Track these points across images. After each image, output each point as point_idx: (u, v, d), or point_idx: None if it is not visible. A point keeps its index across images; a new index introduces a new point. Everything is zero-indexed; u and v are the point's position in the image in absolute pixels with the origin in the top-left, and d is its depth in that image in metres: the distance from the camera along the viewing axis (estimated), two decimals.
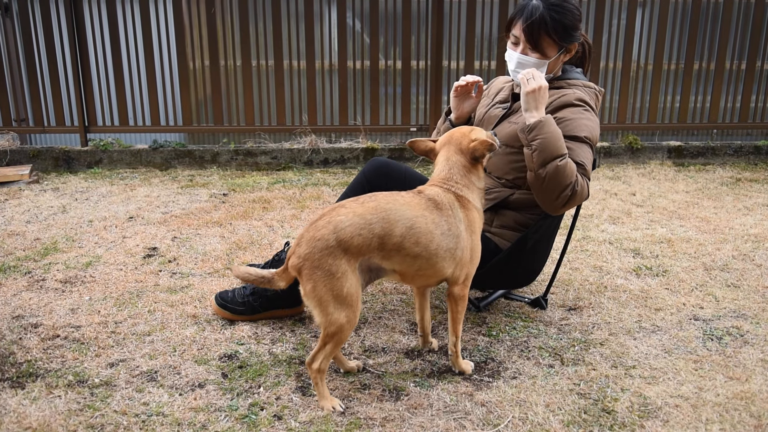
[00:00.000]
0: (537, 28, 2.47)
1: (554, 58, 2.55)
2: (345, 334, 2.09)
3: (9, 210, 4.28)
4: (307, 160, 5.56)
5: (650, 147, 5.73)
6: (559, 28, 2.48)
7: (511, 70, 2.62)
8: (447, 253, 2.17)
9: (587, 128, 2.50)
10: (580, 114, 2.51)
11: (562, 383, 2.29)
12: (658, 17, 5.66)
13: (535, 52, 2.53)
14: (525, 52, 2.54)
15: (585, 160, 2.46)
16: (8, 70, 5.42)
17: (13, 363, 2.41)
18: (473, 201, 2.28)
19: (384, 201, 2.13)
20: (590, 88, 2.64)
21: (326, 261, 2.03)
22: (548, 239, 2.74)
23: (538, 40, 2.50)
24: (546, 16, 2.46)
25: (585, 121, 2.51)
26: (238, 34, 5.48)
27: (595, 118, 2.56)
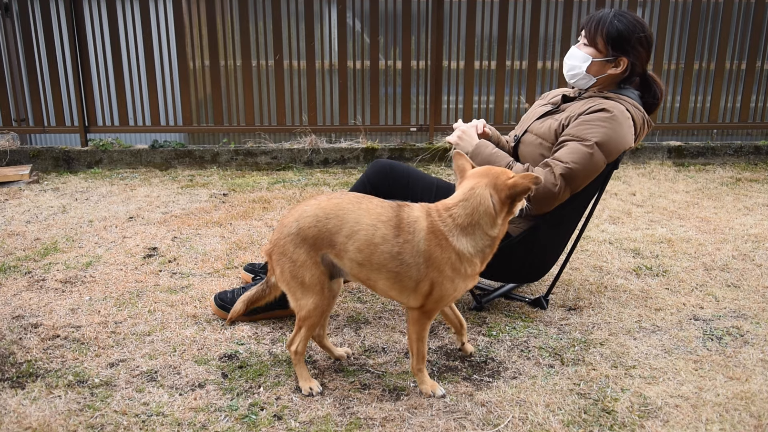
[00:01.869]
0: (595, 25, 2.60)
1: (599, 60, 2.61)
2: (314, 319, 2.17)
3: (9, 210, 4.28)
4: (307, 160, 5.56)
5: (650, 147, 5.73)
6: (614, 32, 2.56)
7: (564, 62, 2.74)
8: (390, 274, 2.09)
9: (600, 135, 2.51)
10: (602, 122, 2.53)
11: (562, 383, 2.29)
12: (658, 17, 5.66)
13: (587, 48, 2.63)
14: (579, 47, 2.66)
15: (565, 159, 2.50)
16: (8, 70, 5.42)
17: (13, 363, 2.41)
18: (456, 242, 2.07)
19: (348, 201, 2.14)
20: (639, 110, 2.65)
21: (289, 248, 2.13)
22: (563, 234, 2.75)
23: (594, 37, 2.60)
24: (608, 17, 2.58)
25: (603, 129, 2.52)
26: (238, 34, 5.48)
27: (624, 132, 2.54)
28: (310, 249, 2.11)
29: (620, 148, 2.56)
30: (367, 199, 2.16)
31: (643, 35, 2.59)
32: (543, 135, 2.67)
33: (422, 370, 2.24)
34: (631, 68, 2.63)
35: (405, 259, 2.07)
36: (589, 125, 2.53)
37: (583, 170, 2.50)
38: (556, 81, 5.72)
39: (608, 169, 2.63)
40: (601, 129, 2.51)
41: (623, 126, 2.54)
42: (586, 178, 2.55)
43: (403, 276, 2.09)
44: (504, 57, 5.64)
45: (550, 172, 2.51)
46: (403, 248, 2.07)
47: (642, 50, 2.61)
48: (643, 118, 2.66)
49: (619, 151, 2.57)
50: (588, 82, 2.68)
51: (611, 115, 2.53)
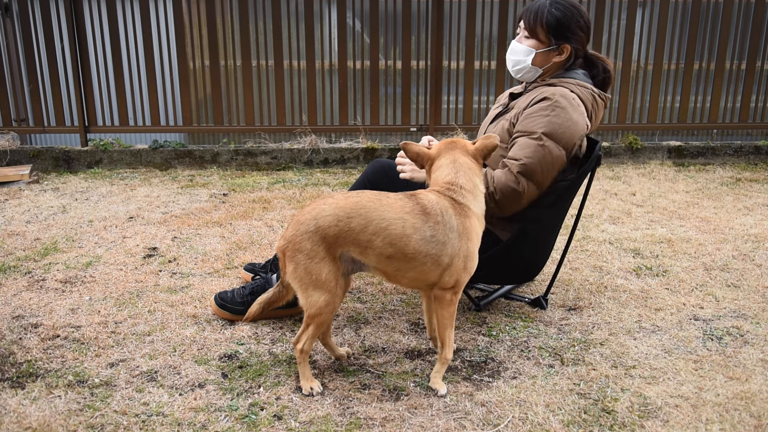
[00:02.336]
0: (533, 16, 2.58)
1: (542, 51, 2.60)
2: (324, 316, 2.18)
3: (9, 210, 4.28)
4: (307, 160, 5.56)
5: (650, 147, 5.73)
6: (553, 21, 2.55)
7: (506, 58, 2.73)
8: (428, 258, 2.16)
9: (546, 124, 2.48)
10: (543, 111, 2.50)
11: (562, 383, 2.29)
12: (658, 17, 5.66)
13: (528, 40, 2.61)
14: (520, 40, 2.64)
15: (518, 156, 2.49)
16: (8, 70, 5.42)
17: (13, 363, 2.41)
18: (474, 208, 2.23)
19: (367, 199, 2.17)
20: (585, 88, 2.62)
21: (306, 245, 2.14)
22: (550, 232, 2.75)
23: (534, 28, 2.58)
24: (545, 7, 2.56)
25: (547, 118, 2.49)
26: (238, 34, 5.48)
27: (571, 116, 2.50)
28: (329, 247, 2.14)
29: (573, 132, 2.51)
30: (384, 195, 2.21)
31: (582, 19, 2.59)
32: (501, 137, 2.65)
33: (447, 363, 2.31)
34: (574, 53, 2.63)
35: (439, 239, 2.16)
36: (532, 117, 2.52)
37: (538, 163, 2.48)
38: None
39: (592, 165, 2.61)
40: (544, 118, 2.49)
41: (568, 110, 2.50)
42: (546, 170, 2.50)
43: (440, 255, 2.16)
44: (504, 57, 5.63)
45: (509, 171, 2.50)
46: (435, 230, 2.15)
47: (582, 34, 2.61)
48: (593, 94, 2.62)
49: (574, 135, 2.52)
50: (535, 74, 2.67)
51: (552, 101, 2.50)
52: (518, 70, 2.67)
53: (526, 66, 2.64)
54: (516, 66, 2.66)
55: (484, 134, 2.73)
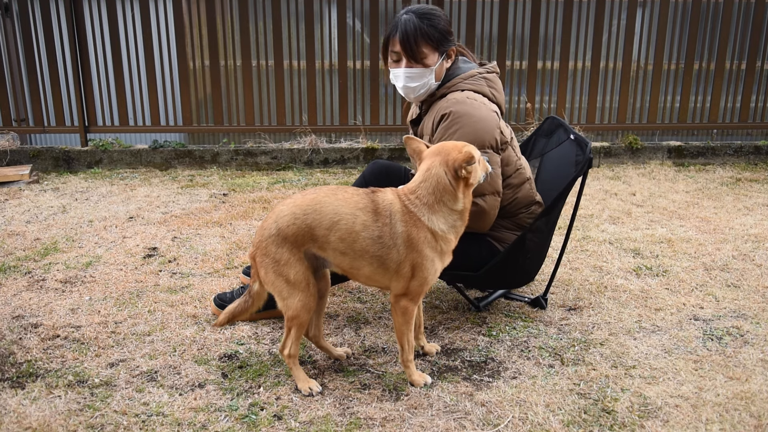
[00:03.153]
0: (414, 39, 2.49)
1: (438, 65, 2.56)
2: (303, 317, 2.19)
3: (9, 210, 4.28)
4: (307, 160, 5.56)
5: (650, 147, 5.73)
6: (435, 33, 2.51)
7: (401, 87, 2.60)
8: (374, 259, 2.15)
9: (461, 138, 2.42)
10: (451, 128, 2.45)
11: (562, 383, 2.29)
12: (658, 17, 5.66)
13: (418, 63, 2.53)
14: (409, 65, 2.54)
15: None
16: (8, 70, 5.42)
17: (13, 363, 2.41)
18: (428, 221, 2.14)
19: (323, 194, 2.19)
20: (472, 76, 2.57)
21: (271, 249, 2.17)
22: (545, 239, 2.74)
23: (416, 50, 2.50)
24: (420, 24, 2.49)
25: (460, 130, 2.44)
26: (238, 34, 5.48)
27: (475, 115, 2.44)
28: (292, 247, 2.16)
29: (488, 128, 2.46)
30: (342, 189, 2.22)
31: (446, 18, 2.56)
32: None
33: (412, 362, 2.28)
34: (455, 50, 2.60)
35: (385, 241, 2.14)
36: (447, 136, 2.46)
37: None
38: (556, 81, 5.72)
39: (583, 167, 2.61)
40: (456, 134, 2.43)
41: (470, 113, 2.45)
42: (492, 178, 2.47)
43: (385, 259, 2.16)
44: (504, 57, 5.64)
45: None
46: (382, 231, 2.14)
47: (452, 30, 2.59)
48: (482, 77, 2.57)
49: (490, 130, 2.46)
50: (434, 88, 2.61)
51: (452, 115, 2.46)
52: (422, 93, 2.60)
53: (430, 85, 2.57)
54: (421, 89, 2.58)
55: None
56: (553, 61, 5.70)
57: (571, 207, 2.96)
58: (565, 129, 2.89)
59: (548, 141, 3.02)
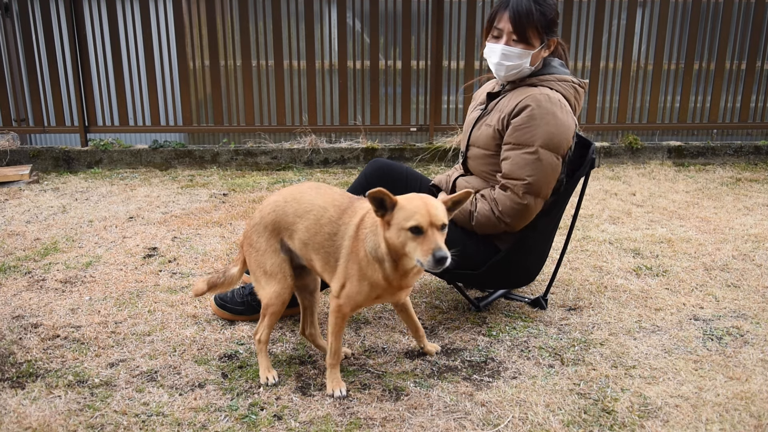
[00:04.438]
0: (525, 20, 2.50)
1: (537, 50, 2.55)
2: (276, 306, 2.26)
3: (9, 210, 4.28)
4: (307, 160, 5.56)
5: (650, 147, 5.73)
6: (543, 19, 2.51)
7: (494, 63, 2.59)
8: (325, 253, 2.18)
9: (542, 135, 2.44)
10: (534, 121, 2.45)
11: (562, 383, 2.29)
12: (658, 17, 5.66)
13: (520, 44, 2.53)
14: (509, 44, 2.54)
15: (521, 176, 2.45)
16: (8, 70, 5.42)
17: (13, 363, 2.41)
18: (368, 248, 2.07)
19: (308, 186, 2.28)
20: (566, 81, 2.58)
21: (254, 237, 2.27)
22: (546, 238, 2.74)
23: (525, 31, 2.51)
24: (532, 7, 2.49)
25: (543, 127, 2.44)
26: (238, 34, 5.48)
27: (560, 119, 2.47)
28: (270, 236, 2.25)
29: (565, 136, 2.48)
30: (330, 188, 2.28)
31: (556, 8, 2.57)
32: (484, 146, 2.61)
33: (335, 366, 2.24)
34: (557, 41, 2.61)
35: (336, 240, 2.17)
36: (525, 129, 2.46)
37: (542, 177, 2.46)
38: None
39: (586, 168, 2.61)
40: (537, 129, 2.45)
41: (557, 114, 2.46)
42: (550, 180, 2.50)
43: (330, 257, 2.19)
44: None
45: (512, 193, 2.47)
46: (339, 229, 2.17)
47: (557, 20, 2.60)
48: (573, 86, 2.59)
49: (567, 138, 2.49)
50: (528, 72, 2.59)
51: (540, 108, 2.46)
52: (515, 73, 2.58)
53: (523, 68, 2.56)
54: (512, 71, 2.57)
55: (468, 139, 2.71)
56: None
57: (572, 207, 2.96)
58: None
59: None
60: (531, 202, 2.48)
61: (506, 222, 2.51)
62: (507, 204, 2.48)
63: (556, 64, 2.63)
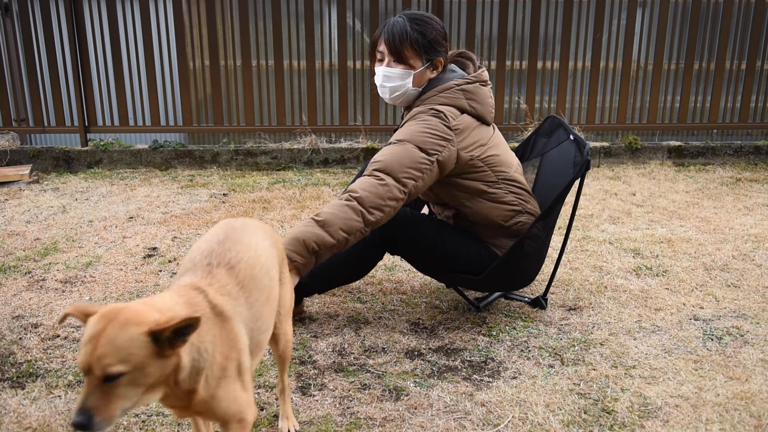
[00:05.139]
0: (399, 40, 2.50)
1: (420, 71, 2.54)
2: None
3: (9, 210, 4.28)
4: (307, 160, 5.56)
5: (650, 147, 5.73)
6: (421, 39, 2.50)
7: (379, 86, 2.61)
8: None
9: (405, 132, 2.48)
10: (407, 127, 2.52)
11: (562, 383, 2.29)
12: (658, 17, 5.66)
13: (399, 65, 2.53)
14: (390, 65, 2.54)
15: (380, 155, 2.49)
16: (8, 70, 5.42)
17: (13, 363, 2.41)
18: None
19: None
20: (448, 89, 2.54)
21: None
22: (543, 243, 2.74)
23: (401, 51, 2.51)
24: (407, 27, 2.49)
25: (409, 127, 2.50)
26: (238, 34, 5.48)
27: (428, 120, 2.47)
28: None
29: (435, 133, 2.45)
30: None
31: (440, 29, 2.55)
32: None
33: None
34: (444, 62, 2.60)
35: None
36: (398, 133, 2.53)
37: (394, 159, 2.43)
38: (556, 81, 5.72)
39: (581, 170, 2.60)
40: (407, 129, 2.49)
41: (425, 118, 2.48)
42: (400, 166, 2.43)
43: None
44: (504, 57, 5.64)
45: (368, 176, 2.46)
46: None
47: (445, 42, 2.58)
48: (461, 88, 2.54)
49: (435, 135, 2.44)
50: (414, 95, 2.60)
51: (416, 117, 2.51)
52: (398, 95, 2.58)
53: (407, 89, 2.56)
54: (395, 92, 2.57)
55: None
56: (553, 61, 5.70)
57: (569, 206, 2.96)
58: (565, 129, 2.88)
59: (548, 140, 3.02)
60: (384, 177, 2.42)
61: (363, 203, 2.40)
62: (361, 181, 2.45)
63: (445, 74, 2.61)
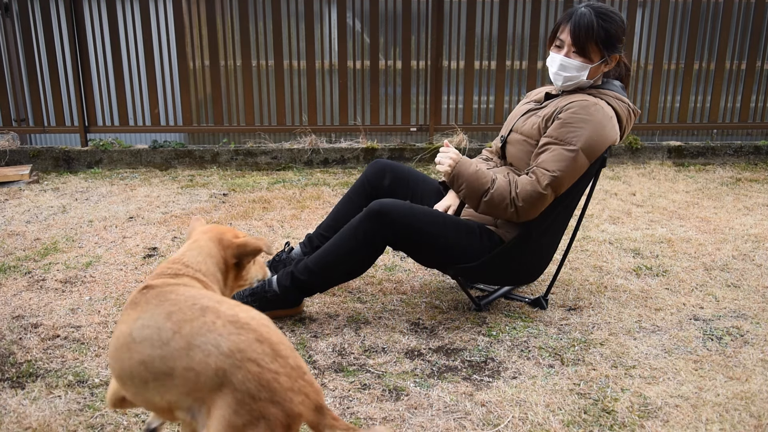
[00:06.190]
0: (584, 33, 2.50)
1: (596, 65, 2.56)
2: None
3: (9, 210, 4.28)
4: (307, 160, 5.56)
5: (650, 147, 5.73)
6: (605, 35, 2.51)
7: (553, 73, 2.62)
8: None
9: (584, 138, 2.48)
10: (584, 123, 2.49)
11: (562, 383, 2.29)
12: (658, 17, 5.66)
13: (579, 57, 2.55)
14: (569, 55, 2.56)
15: (551, 168, 2.47)
16: (8, 70, 5.42)
17: (13, 363, 2.41)
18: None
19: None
20: (623, 102, 2.62)
21: None
22: (553, 237, 2.74)
23: (585, 44, 2.52)
24: (594, 22, 2.50)
25: (587, 132, 2.48)
26: (238, 34, 5.48)
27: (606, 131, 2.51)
28: None
29: (603, 146, 2.54)
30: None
31: (624, 26, 2.58)
32: (527, 133, 2.64)
33: None
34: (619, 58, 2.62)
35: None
36: (571, 128, 2.49)
37: (568, 175, 2.49)
38: None
39: (596, 167, 2.62)
40: (584, 131, 2.48)
41: (605, 126, 2.51)
42: (570, 181, 2.54)
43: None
44: (504, 57, 5.64)
45: (536, 181, 2.48)
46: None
47: (624, 38, 2.60)
48: (628, 109, 2.63)
49: (602, 148, 2.55)
50: (584, 86, 2.63)
51: (593, 116, 2.50)
52: (570, 84, 2.61)
53: (581, 81, 2.59)
54: (568, 82, 2.59)
55: (512, 129, 2.72)
56: None
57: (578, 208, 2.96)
58: None
59: None
60: (549, 193, 2.49)
61: (517, 205, 2.49)
62: (527, 189, 2.48)
63: (617, 84, 2.66)
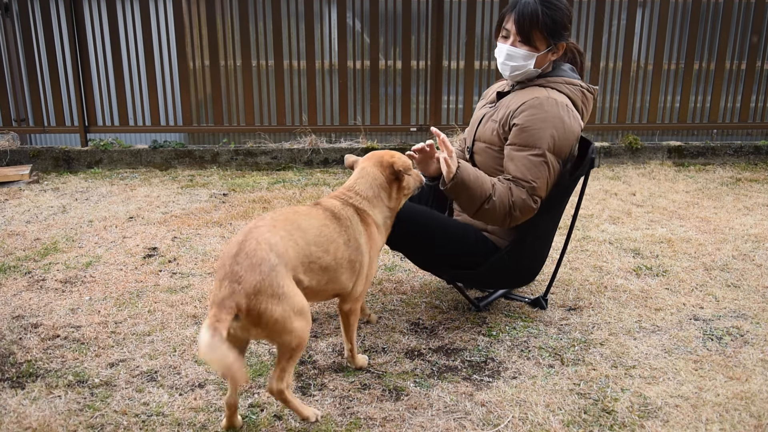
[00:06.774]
0: (528, 21, 2.49)
1: (543, 53, 2.54)
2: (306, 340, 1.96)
3: (9, 210, 4.28)
4: (307, 160, 5.56)
5: (650, 147, 5.73)
6: (550, 23, 2.50)
7: (500, 63, 2.61)
8: (349, 264, 2.17)
9: (548, 139, 2.44)
10: (542, 123, 2.45)
11: (562, 383, 2.29)
12: (658, 17, 5.66)
13: (525, 45, 2.53)
14: (515, 45, 2.55)
15: (532, 178, 2.44)
16: (8, 70, 5.42)
17: (13, 363, 2.41)
18: (374, 216, 2.29)
19: (289, 212, 2.12)
20: (573, 85, 2.58)
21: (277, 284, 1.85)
22: (546, 238, 2.74)
23: (529, 33, 2.51)
24: (538, 10, 2.48)
25: (549, 130, 2.44)
26: (238, 34, 5.48)
27: (567, 124, 2.47)
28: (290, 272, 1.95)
29: (570, 141, 2.49)
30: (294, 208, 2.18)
31: (569, 13, 2.55)
32: (489, 141, 2.62)
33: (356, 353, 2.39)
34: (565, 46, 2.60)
35: (354, 244, 2.18)
36: (531, 132, 2.45)
37: (545, 180, 2.47)
38: None
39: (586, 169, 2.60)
40: (544, 133, 2.44)
41: (564, 119, 2.47)
42: (550, 184, 2.51)
43: (356, 262, 2.19)
44: None
45: (526, 192, 2.45)
46: (350, 235, 2.18)
47: (570, 26, 2.58)
48: (581, 90, 2.59)
49: (570, 143, 2.50)
50: (532, 75, 2.59)
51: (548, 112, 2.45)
52: (518, 74, 2.58)
53: (528, 69, 2.56)
54: (516, 71, 2.57)
55: (475, 138, 2.70)
56: None
57: (572, 207, 2.96)
58: None
59: None
60: (533, 203, 2.47)
61: (513, 215, 2.47)
62: (521, 198, 2.46)
63: (566, 68, 2.64)
